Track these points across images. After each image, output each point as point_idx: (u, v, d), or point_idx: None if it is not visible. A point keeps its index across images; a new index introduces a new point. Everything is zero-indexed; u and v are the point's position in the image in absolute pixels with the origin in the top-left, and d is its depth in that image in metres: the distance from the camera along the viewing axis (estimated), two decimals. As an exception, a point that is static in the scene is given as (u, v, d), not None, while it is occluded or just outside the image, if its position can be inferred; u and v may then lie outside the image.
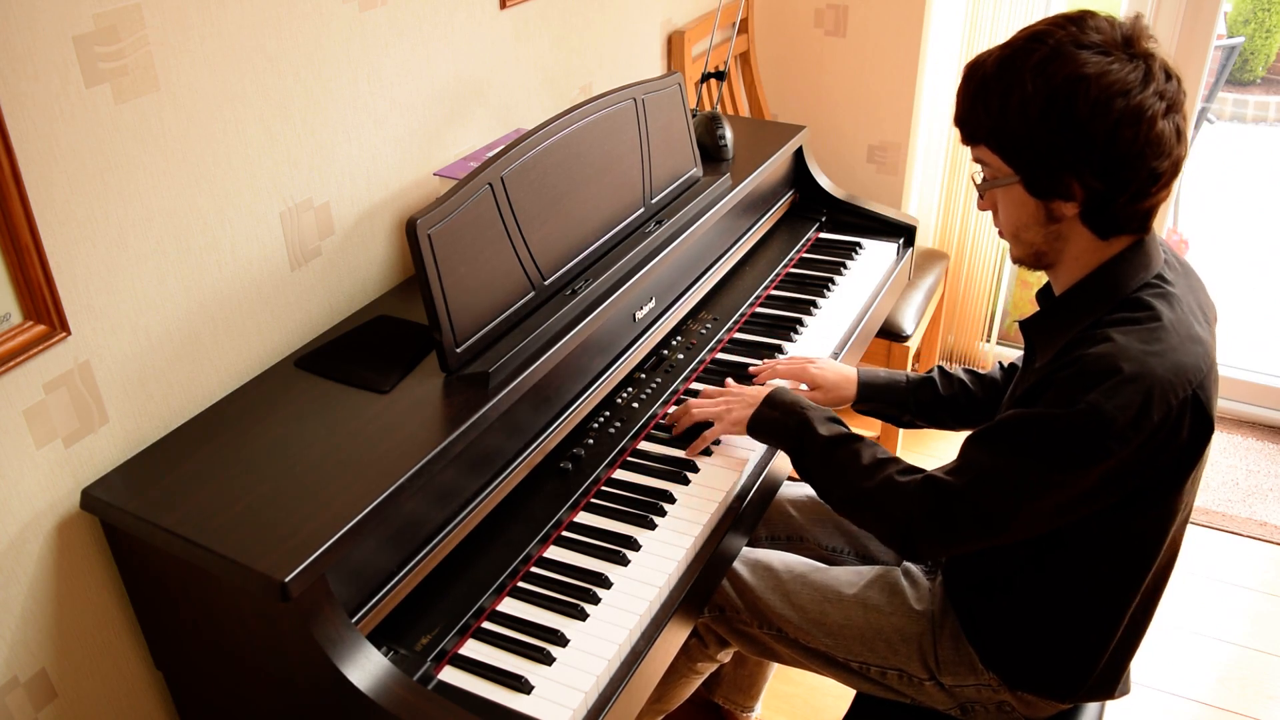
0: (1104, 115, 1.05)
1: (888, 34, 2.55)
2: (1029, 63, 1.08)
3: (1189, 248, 4.01)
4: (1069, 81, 1.06)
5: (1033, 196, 1.15)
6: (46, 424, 1.15)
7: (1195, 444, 1.13)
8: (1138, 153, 1.06)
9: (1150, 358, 1.08)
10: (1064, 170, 1.10)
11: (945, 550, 1.23)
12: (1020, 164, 1.13)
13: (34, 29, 1.05)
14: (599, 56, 2.10)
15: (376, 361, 1.37)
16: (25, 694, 1.20)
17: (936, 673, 1.35)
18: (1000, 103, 1.11)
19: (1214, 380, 1.15)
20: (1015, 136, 1.11)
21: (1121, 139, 1.06)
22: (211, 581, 1.12)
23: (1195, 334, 1.13)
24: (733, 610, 1.50)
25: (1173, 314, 1.12)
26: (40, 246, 1.09)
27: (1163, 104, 1.07)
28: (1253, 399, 2.80)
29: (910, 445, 2.73)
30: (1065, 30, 1.08)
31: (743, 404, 1.44)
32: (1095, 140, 1.06)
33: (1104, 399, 1.06)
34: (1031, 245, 1.20)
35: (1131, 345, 1.09)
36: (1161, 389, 1.07)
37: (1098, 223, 1.14)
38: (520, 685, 1.12)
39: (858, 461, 1.28)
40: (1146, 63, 1.07)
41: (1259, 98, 5.22)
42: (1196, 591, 2.26)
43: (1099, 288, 1.17)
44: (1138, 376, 1.06)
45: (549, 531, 1.34)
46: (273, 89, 1.35)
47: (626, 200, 1.63)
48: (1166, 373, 1.08)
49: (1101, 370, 1.07)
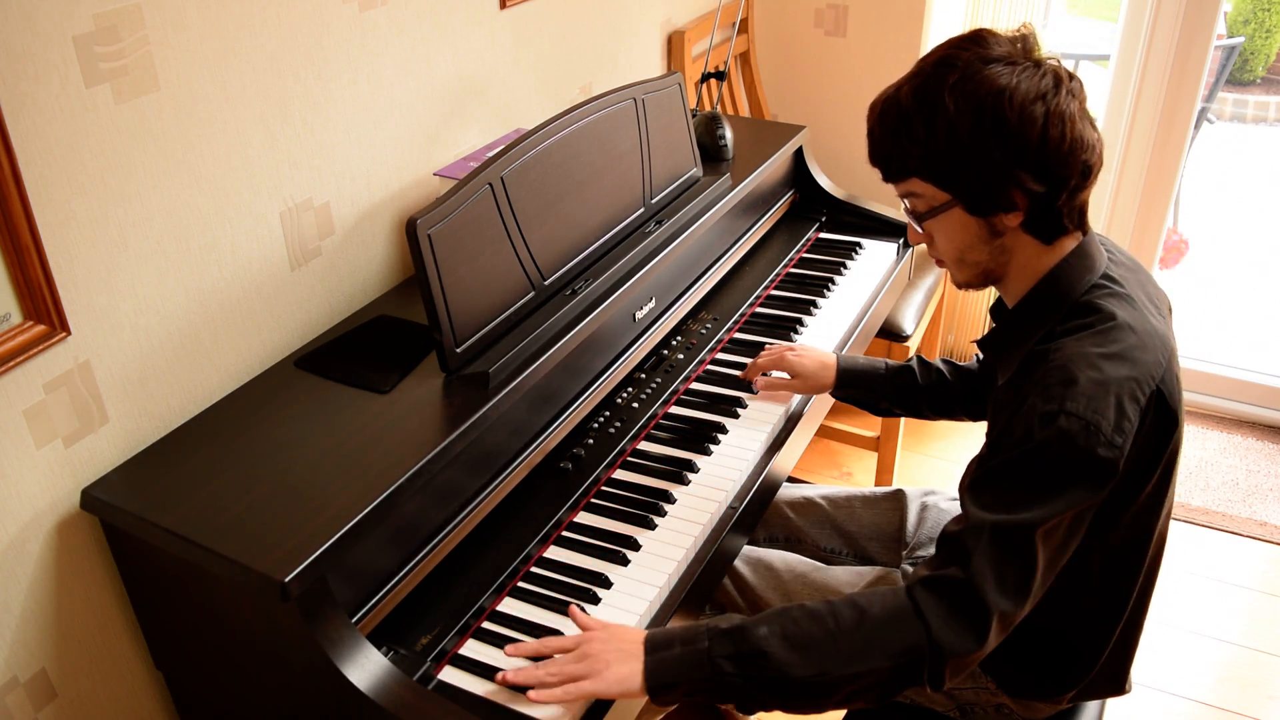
0: (1031, 121, 1.07)
1: (888, 34, 2.55)
2: (945, 86, 1.09)
3: (1189, 248, 4.01)
4: (991, 95, 1.07)
5: (973, 216, 1.14)
6: (46, 424, 1.15)
7: (1162, 437, 1.12)
8: (1069, 150, 1.09)
9: (1108, 362, 1.08)
10: (1004, 182, 1.10)
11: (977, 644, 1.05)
12: (957, 186, 1.13)
13: (34, 29, 1.05)
14: (599, 56, 2.10)
15: (376, 361, 1.37)
16: (25, 694, 1.20)
17: None
18: (926, 130, 1.10)
19: (1175, 372, 1.15)
20: (948, 160, 1.11)
21: (1051, 140, 1.08)
22: (211, 581, 1.12)
23: (1151, 327, 1.13)
24: (733, 608, 1.50)
25: (1125, 312, 1.12)
26: (40, 246, 1.09)
27: (1076, 103, 1.10)
28: (1253, 399, 2.80)
29: (910, 445, 2.74)
30: (969, 50, 1.10)
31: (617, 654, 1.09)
32: (1029, 146, 1.08)
33: (1082, 407, 1.05)
34: (978, 265, 1.19)
35: (1086, 350, 1.09)
36: (1130, 388, 1.07)
37: (1040, 228, 1.14)
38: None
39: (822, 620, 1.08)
40: (1051, 69, 1.10)
41: (1259, 98, 5.22)
42: (1196, 591, 2.26)
43: (1048, 296, 1.16)
44: (1104, 381, 1.06)
45: (549, 531, 1.34)
46: (273, 89, 1.35)
47: (626, 200, 1.63)
48: (1131, 373, 1.08)
49: (1063, 379, 1.07)
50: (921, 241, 1.22)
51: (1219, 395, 2.84)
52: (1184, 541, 2.39)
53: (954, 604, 1.06)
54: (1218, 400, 2.84)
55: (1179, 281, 3.85)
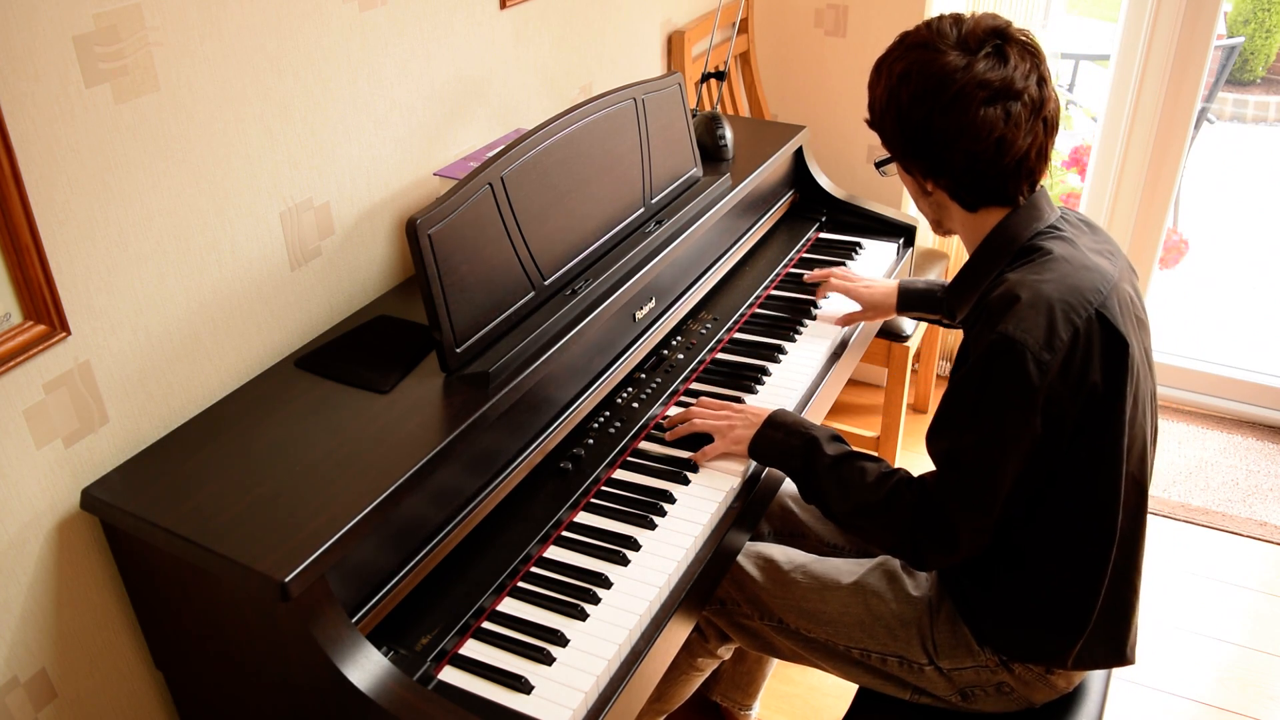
0: (921, 104, 1.20)
1: (888, 34, 2.53)
2: (887, 61, 1.26)
3: (1189, 248, 4.01)
4: (900, 77, 1.22)
5: (905, 174, 1.32)
6: (46, 424, 1.15)
7: (1114, 365, 1.18)
8: (952, 137, 1.20)
9: (1044, 284, 1.17)
10: (906, 152, 1.27)
11: (949, 550, 1.26)
12: (888, 146, 1.31)
13: (34, 29, 1.05)
14: (599, 56, 2.10)
15: (376, 361, 1.37)
16: (25, 694, 1.20)
17: (935, 657, 1.36)
18: (871, 95, 1.30)
19: (1121, 304, 1.21)
20: (879, 123, 1.30)
21: (935, 125, 1.20)
22: (211, 581, 1.12)
23: (1090, 263, 1.21)
24: (734, 603, 1.50)
25: (1065, 249, 1.22)
26: (40, 246, 1.09)
27: (984, 91, 1.18)
28: (1253, 399, 2.80)
29: (910, 445, 2.74)
30: (915, 33, 1.24)
31: (745, 423, 1.45)
32: (915, 126, 1.22)
33: (1010, 326, 1.15)
34: (927, 213, 1.36)
35: (1025, 277, 1.19)
36: (1062, 309, 1.15)
37: (959, 198, 1.28)
38: (520, 685, 1.12)
39: (864, 477, 1.32)
40: (975, 53, 1.19)
41: (1259, 98, 5.22)
42: (1196, 591, 2.26)
43: (997, 244, 1.28)
44: (1035, 300, 1.16)
45: (549, 531, 1.34)
46: (273, 89, 1.35)
47: (626, 200, 1.63)
48: (1064, 294, 1.16)
49: (1001, 305, 1.18)
50: None
51: (1219, 395, 2.84)
52: (1184, 541, 2.39)
53: (925, 514, 1.25)
54: (1218, 400, 2.83)
55: (1179, 281, 3.85)
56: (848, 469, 1.34)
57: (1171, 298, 3.68)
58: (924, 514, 1.26)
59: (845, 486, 1.33)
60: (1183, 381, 2.85)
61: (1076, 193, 3.13)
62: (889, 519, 1.29)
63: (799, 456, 1.38)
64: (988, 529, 1.24)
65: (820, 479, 1.36)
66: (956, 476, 1.23)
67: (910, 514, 1.27)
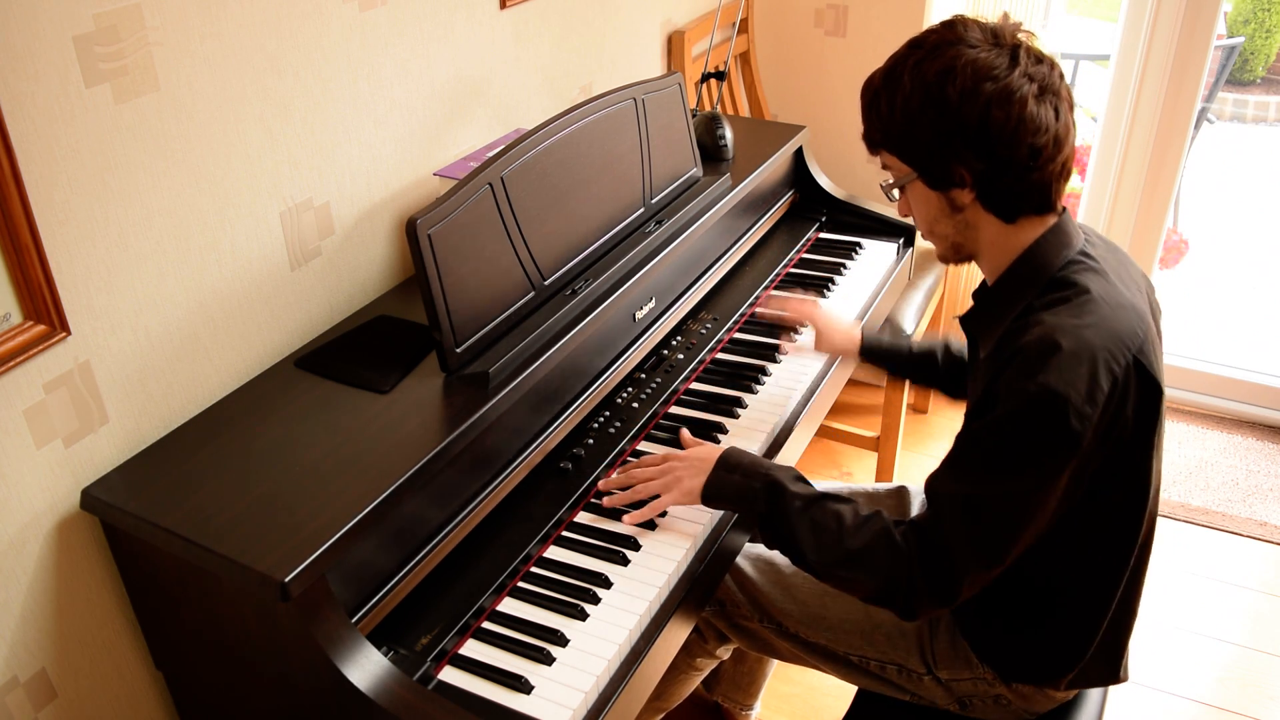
0: (974, 99, 1.11)
1: (888, 34, 2.55)
2: (907, 65, 1.16)
3: (1189, 248, 4.01)
4: (939, 74, 1.13)
5: (932, 190, 1.20)
6: (46, 424, 1.15)
7: (1147, 409, 1.14)
8: (1012, 130, 1.12)
9: (1085, 330, 1.10)
10: (949, 157, 1.16)
11: (947, 601, 1.17)
12: (914, 159, 1.19)
13: (34, 29, 1.05)
14: (599, 56, 2.10)
15: (376, 361, 1.37)
16: (25, 694, 1.20)
17: (934, 666, 1.36)
18: (888, 105, 1.18)
19: (1154, 345, 1.17)
20: (903, 133, 1.18)
21: (994, 119, 1.11)
22: (211, 581, 1.12)
23: (1126, 301, 1.15)
24: (733, 604, 1.50)
25: (1100, 285, 1.15)
26: (40, 246, 1.09)
27: (1033, 85, 1.12)
28: (1253, 399, 2.80)
29: (910, 445, 2.73)
30: (937, 34, 1.17)
31: (692, 470, 1.33)
32: (970, 123, 1.12)
33: (1053, 378, 1.07)
34: (947, 238, 1.25)
35: (1064, 321, 1.11)
36: (1105, 357, 1.09)
37: (997, 205, 1.18)
38: (520, 685, 1.12)
39: (840, 522, 1.21)
40: (1013, 50, 1.13)
41: (1259, 98, 5.22)
42: (1196, 591, 2.26)
43: (1025, 272, 1.20)
44: (1078, 349, 1.09)
45: (549, 531, 1.34)
46: (273, 89, 1.35)
47: (626, 200, 1.63)
48: (1105, 341, 1.10)
49: (1041, 352, 1.09)
50: (906, 214, 1.28)
51: (1219, 395, 2.84)
52: (1184, 541, 2.39)
53: (929, 561, 1.16)
54: (1218, 400, 2.83)
55: (1179, 281, 3.85)
56: (820, 513, 1.23)
57: (1171, 298, 3.68)
58: (926, 562, 1.16)
59: (820, 533, 1.22)
60: (1183, 381, 2.85)
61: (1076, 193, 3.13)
62: (874, 567, 1.18)
63: (761, 500, 1.26)
64: (990, 581, 1.18)
65: (789, 525, 1.24)
66: (976, 527, 1.13)
67: (904, 561, 1.17)
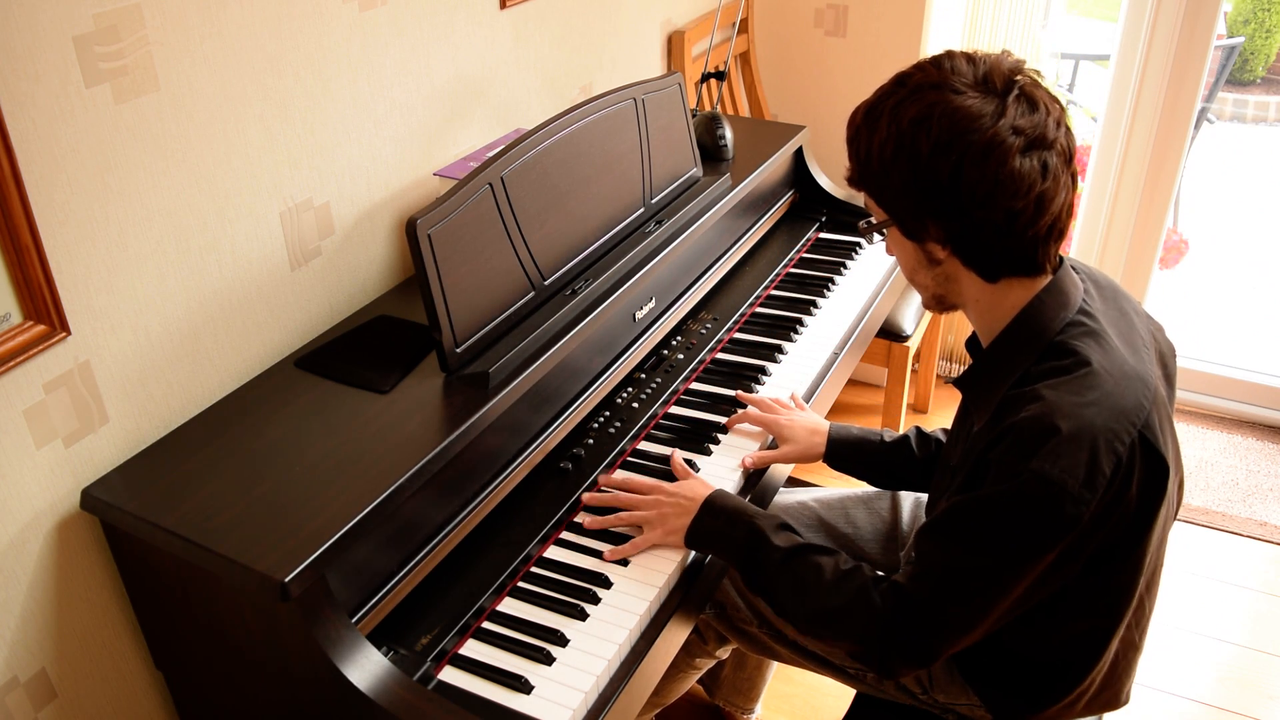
0: (946, 153, 1.02)
1: (888, 34, 2.55)
2: (887, 106, 1.07)
3: (1189, 248, 4.01)
4: (913, 123, 1.03)
5: (907, 239, 1.12)
6: (46, 424, 1.15)
7: (1152, 487, 1.07)
8: (986, 191, 1.02)
9: (1087, 409, 1.02)
10: (920, 212, 1.07)
11: (924, 662, 1.13)
12: (888, 207, 1.11)
13: (34, 29, 1.05)
14: (599, 56, 2.10)
15: (376, 361, 1.37)
16: (25, 694, 1.20)
17: (929, 688, 1.35)
18: (865, 148, 1.10)
19: (1161, 411, 1.08)
20: (878, 179, 1.10)
21: (966, 178, 1.02)
22: (211, 581, 1.12)
23: (1129, 370, 1.07)
24: (733, 608, 1.50)
25: (1102, 354, 1.07)
26: (40, 246, 1.09)
27: (1019, 139, 1.02)
28: (1253, 399, 2.80)
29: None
30: (923, 72, 1.07)
31: (679, 509, 1.29)
32: (940, 181, 1.03)
33: (1048, 464, 1.00)
34: (927, 288, 1.17)
35: (1064, 400, 1.03)
36: (1106, 439, 1.01)
37: (976, 264, 1.10)
38: (520, 685, 1.12)
39: (821, 576, 1.17)
40: (1003, 96, 1.03)
41: (1259, 98, 5.22)
42: (1196, 591, 2.26)
43: (1021, 336, 1.11)
44: (1078, 433, 1.01)
45: (549, 531, 1.34)
46: (273, 89, 1.35)
47: (626, 200, 1.63)
48: (1108, 420, 1.02)
49: (1038, 433, 1.02)
50: (892, 254, 1.20)
51: (1219, 395, 2.84)
52: (1184, 541, 2.38)
53: (906, 625, 1.11)
54: (1218, 400, 2.83)
55: (1179, 281, 3.85)
56: (801, 566, 1.18)
57: (1171, 298, 3.68)
58: (902, 623, 1.11)
59: (800, 587, 1.17)
60: (1182, 381, 2.85)
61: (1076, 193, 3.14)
62: (852, 625, 1.13)
63: (742, 549, 1.23)
64: (970, 644, 1.13)
65: (769, 576, 1.20)
66: (955, 597, 1.08)
67: (881, 623, 1.11)
